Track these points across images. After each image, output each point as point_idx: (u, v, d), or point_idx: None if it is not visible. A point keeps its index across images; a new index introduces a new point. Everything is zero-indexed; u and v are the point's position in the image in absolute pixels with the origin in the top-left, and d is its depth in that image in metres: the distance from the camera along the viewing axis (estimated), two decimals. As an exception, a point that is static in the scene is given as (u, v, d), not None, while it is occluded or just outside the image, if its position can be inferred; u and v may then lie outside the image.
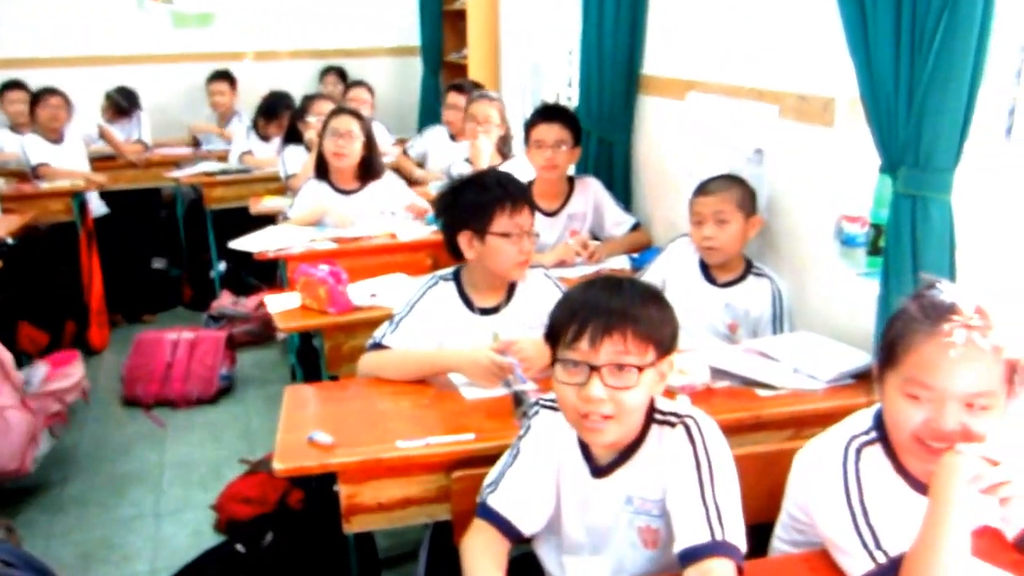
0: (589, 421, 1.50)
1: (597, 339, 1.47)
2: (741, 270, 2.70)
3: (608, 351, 1.47)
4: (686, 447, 1.57)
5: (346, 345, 2.71)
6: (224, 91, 6.08)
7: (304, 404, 2.11)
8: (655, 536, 1.61)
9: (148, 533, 3.22)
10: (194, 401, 4.25)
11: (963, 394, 1.40)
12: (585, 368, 1.48)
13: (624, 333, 1.47)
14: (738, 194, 2.62)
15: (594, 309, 1.49)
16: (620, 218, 3.51)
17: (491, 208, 2.28)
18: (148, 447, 3.88)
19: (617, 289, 1.53)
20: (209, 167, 5.42)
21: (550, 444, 1.65)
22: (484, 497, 1.64)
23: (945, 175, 2.00)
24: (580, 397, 1.49)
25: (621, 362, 1.47)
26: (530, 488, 1.63)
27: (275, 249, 3.36)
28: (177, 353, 4.30)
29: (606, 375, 1.48)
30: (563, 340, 1.51)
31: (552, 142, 3.30)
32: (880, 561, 1.41)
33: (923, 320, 1.45)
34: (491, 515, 1.62)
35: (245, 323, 4.93)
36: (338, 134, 3.78)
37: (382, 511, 1.86)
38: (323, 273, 2.67)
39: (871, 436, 1.54)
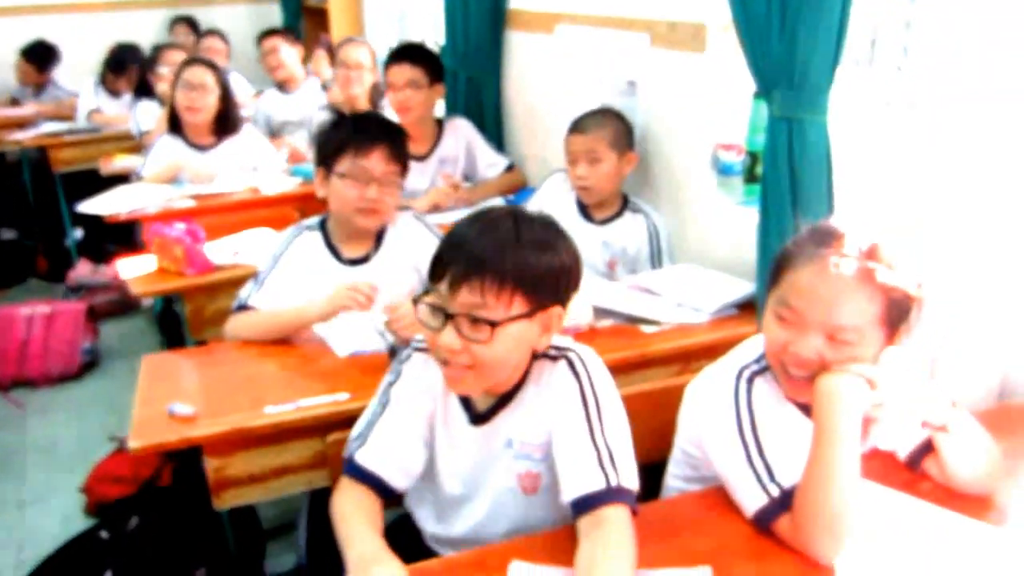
0: (448, 369, 1.40)
1: (455, 285, 1.34)
2: (618, 207, 2.65)
3: (465, 299, 1.34)
4: (571, 383, 1.46)
5: (209, 308, 2.54)
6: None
7: (163, 374, 1.94)
8: (535, 481, 1.51)
9: (10, 523, 2.99)
10: (56, 379, 3.97)
11: (824, 323, 1.35)
12: (441, 314, 1.37)
13: (483, 282, 1.33)
14: (612, 132, 2.55)
15: (459, 250, 1.36)
16: (493, 159, 3.41)
17: (337, 146, 2.16)
18: (7, 431, 3.61)
19: (493, 229, 1.37)
20: (54, 127, 5.04)
21: (423, 391, 1.53)
22: (351, 452, 1.50)
23: (820, 96, 1.96)
24: (437, 343, 1.38)
25: (475, 315, 1.34)
26: (401, 440, 1.51)
27: (128, 210, 3.12)
28: (33, 329, 4.00)
29: (461, 325, 1.35)
30: (432, 278, 1.39)
31: (402, 83, 3.18)
32: (774, 494, 1.37)
33: (808, 243, 1.40)
34: (360, 473, 1.49)
35: (106, 292, 4.62)
36: (191, 86, 3.52)
37: (254, 483, 1.73)
38: (179, 232, 2.48)
39: (761, 365, 1.50)
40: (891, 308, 1.35)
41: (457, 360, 1.37)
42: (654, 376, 2.06)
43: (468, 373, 1.39)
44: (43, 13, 5.85)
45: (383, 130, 2.21)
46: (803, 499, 1.32)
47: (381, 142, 2.16)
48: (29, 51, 5.59)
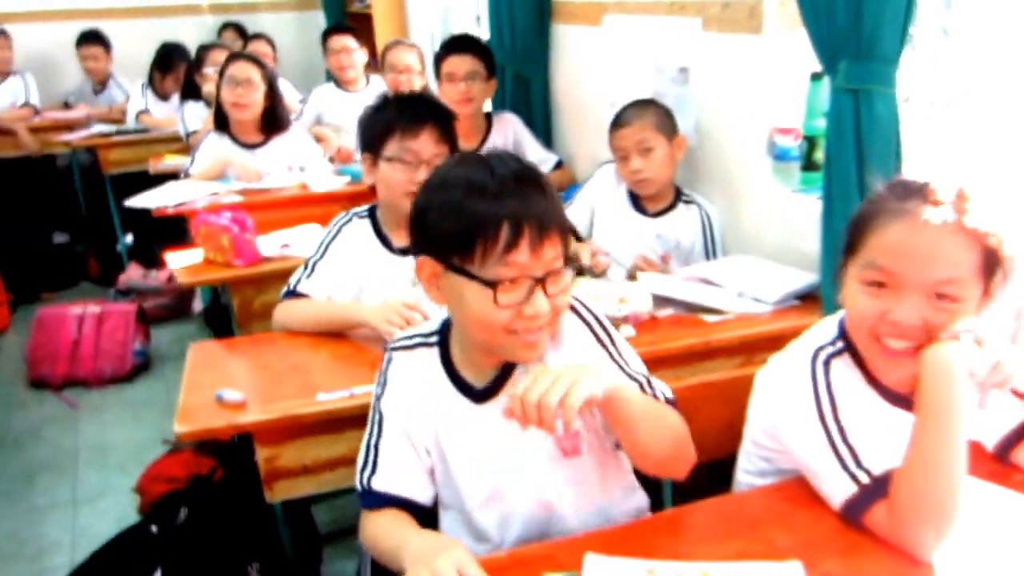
0: (527, 336, 1.27)
1: (537, 247, 1.22)
2: (671, 198, 2.57)
3: (547, 257, 1.24)
4: (583, 329, 1.40)
5: (257, 301, 2.48)
6: (99, 56, 5.63)
7: (211, 362, 1.88)
8: (575, 440, 1.39)
9: (65, 523, 2.97)
10: (107, 379, 3.96)
11: (928, 281, 1.23)
12: (527, 282, 1.24)
13: (552, 232, 1.24)
14: (655, 117, 2.47)
15: (519, 211, 1.22)
16: (541, 156, 3.31)
17: (383, 130, 2.07)
18: (60, 431, 3.60)
19: (510, 178, 1.25)
20: (104, 129, 5.05)
21: (414, 392, 1.40)
22: (365, 483, 1.37)
23: (889, 67, 1.85)
24: (522, 315, 1.25)
25: (559, 267, 1.26)
26: (410, 451, 1.39)
27: (175, 204, 3.08)
28: (83, 329, 3.99)
29: (547, 285, 1.25)
30: (480, 254, 1.23)
31: (464, 74, 3.10)
32: (863, 481, 1.25)
33: (889, 199, 1.28)
34: (381, 499, 1.36)
35: (157, 297, 4.62)
36: (236, 82, 3.46)
37: (308, 475, 1.66)
38: (225, 220, 2.42)
39: (838, 347, 1.38)
40: (987, 257, 1.24)
41: (541, 323, 1.27)
42: (717, 368, 1.96)
43: (542, 332, 1.29)
44: (93, 19, 5.88)
45: (431, 111, 2.12)
46: (903, 485, 1.20)
47: (429, 123, 2.07)
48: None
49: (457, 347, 1.40)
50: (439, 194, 1.28)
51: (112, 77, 5.73)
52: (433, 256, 1.28)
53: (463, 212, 1.23)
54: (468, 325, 1.31)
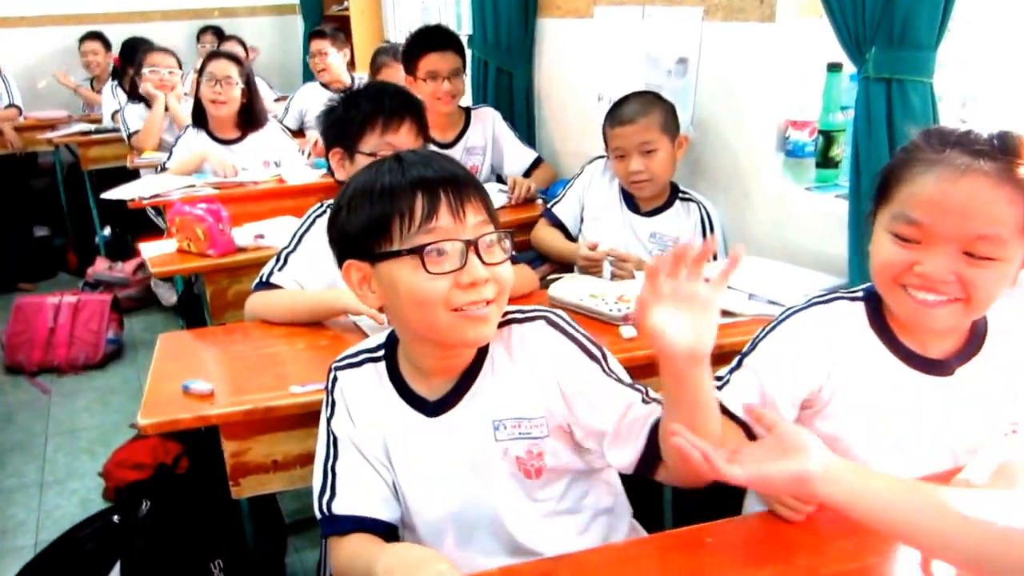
0: (472, 310, 1.07)
1: (458, 210, 1.06)
2: (666, 196, 2.27)
3: (473, 222, 1.07)
4: (560, 339, 1.17)
5: (231, 290, 2.25)
6: (98, 50, 5.36)
7: (181, 352, 1.66)
8: (538, 460, 1.17)
9: (32, 504, 2.72)
10: (80, 367, 3.69)
11: (963, 235, 1.04)
12: (458, 247, 1.05)
13: (474, 196, 1.08)
14: (660, 116, 2.16)
15: (430, 178, 1.07)
16: (521, 152, 3.01)
17: (360, 124, 1.84)
18: (32, 415, 3.33)
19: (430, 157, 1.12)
20: (84, 128, 4.77)
21: (364, 408, 1.19)
22: (325, 508, 1.15)
23: (926, 54, 1.59)
24: (459, 285, 1.05)
25: (490, 233, 1.08)
26: (367, 472, 1.17)
27: (150, 196, 2.84)
28: (59, 318, 3.72)
29: (481, 250, 1.06)
30: (401, 230, 1.05)
31: (448, 71, 2.80)
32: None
33: (925, 147, 1.09)
34: (346, 523, 1.14)
35: (125, 288, 4.33)
36: (215, 79, 3.23)
37: (277, 471, 1.44)
38: (200, 211, 2.20)
39: (856, 294, 1.24)
40: None
41: (484, 294, 1.07)
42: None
43: (493, 308, 1.09)
44: (75, 24, 5.59)
45: (407, 104, 1.90)
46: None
47: (407, 116, 1.86)
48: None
49: (405, 360, 1.19)
50: (348, 194, 1.12)
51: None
52: (355, 256, 1.11)
53: (373, 196, 1.07)
54: (408, 315, 1.09)
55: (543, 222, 2.48)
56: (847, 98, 1.93)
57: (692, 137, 2.31)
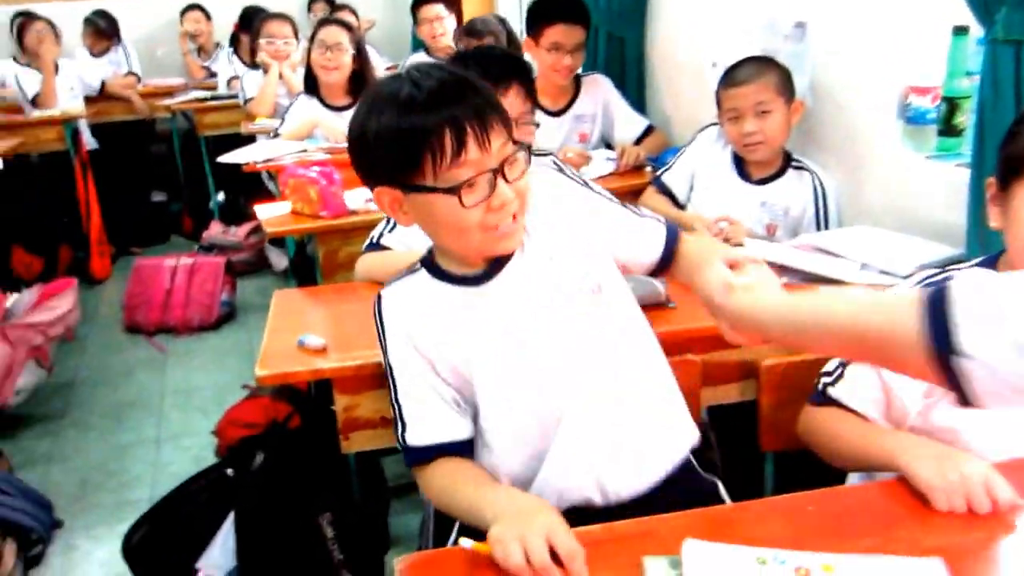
0: (501, 228, 1.14)
1: (484, 140, 1.09)
2: (779, 164, 2.20)
3: (497, 147, 1.11)
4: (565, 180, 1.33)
5: (342, 252, 2.29)
6: (199, 20, 5.56)
7: (294, 309, 1.71)
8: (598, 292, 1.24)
9: (148, 459, 2.86)
10: (196, 327, 3.85)
11: None
12: (486, 176, 1.10)
13: (498, 122, 1.12)
14: (776, 77, 2.11)
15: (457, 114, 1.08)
16: (632, 119, 2.95)
17: None
18: (149, 373, 3.50)
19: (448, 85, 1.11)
20: (200, 95, 4.95)
21: (414, 317, 1.21)
22: (402, 442, 1.21)
23: None
24: (490, 209, 1.11)
25: (510, 152, 1.13)
26: (429, 391, 1.20)
27: (264, 159, 2.92)
28: (176, 279, 3.89)
29: (506, 172, 1.12)
30: (433, 166, 1.08)
31: (573, 46, 2.75)
32: None
33: None
34: (426, 452, 1.19)
35: (238, 252, 4.50)
36: (325, 46, 3.29)
37: (384, 427, 1.46)
38: (313, 173, 2.25)
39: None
40: None
41: (512, 209, 1.14)
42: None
43: (519, 220, 1.17)
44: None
45: (515, 67, 1.87)
46: None
47: (514, 81, 1.83)
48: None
49: (443, 260, 1.24)
50: (371, 120, 1.13)
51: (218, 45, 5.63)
52: (386, 184, 1.15)
53: (401, 132, 1.09)
54: (444, 236, 1.19)
55: (651, 190, 2.44)
56: (973, 63, 1.83)
57: (808, 104, 2.23)
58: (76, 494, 2.66)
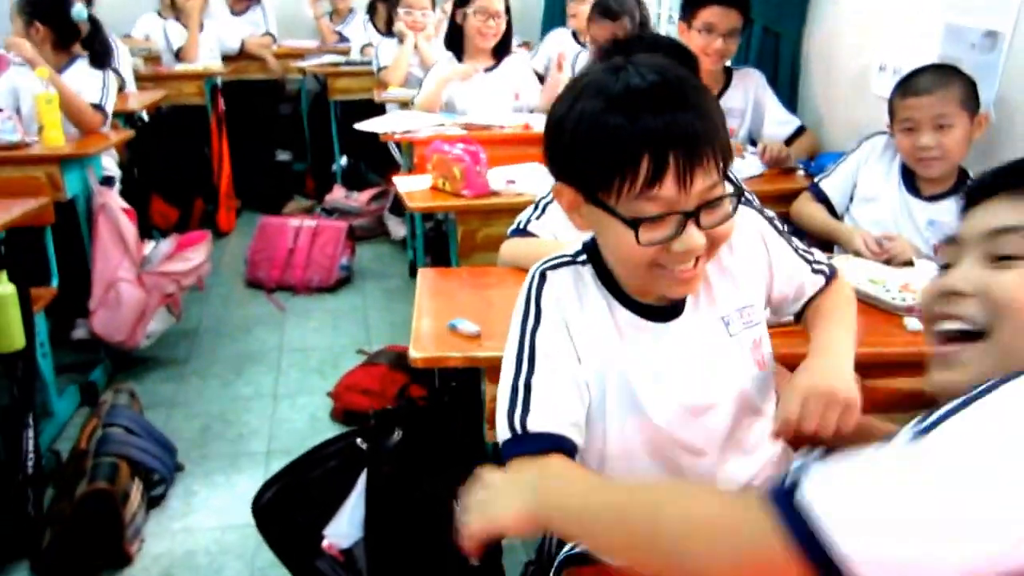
0: (676, 273, 1.02)
1: (686, 177, 0.95)
2: (953, 181, 2.07)
3: (701, 188, 0.97)
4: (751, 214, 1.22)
5: (480, 233, 2.28)
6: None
7: (440, 289, 1.70)
8: (760, 346, 1.19)
9: (265, 413, 2.94)
10: (314, 288, 3.94)
11: None
12: (677, 219, 0.98)
13: (711, 156, 0.97)
14: (960, 89, 1.98)
15: (662, 137, 0.94)
16: (783, 118, 2.85)
17: None
18: (268, 329, 3.60)
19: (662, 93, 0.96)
20: (334, 59, 5.03)
21: (577, 315, 1.11)
22: (518, 425, 1.05)
23: None
24: (672, 252, 1.00)
25: (716, 196, 0.99)
26: (565, 391, 1.08)
27: (402, 131, 2.94)
28: (299, 240, 3.99)
29: (702, 218, 0.99)
30: (621, 189, 0.97)
31: (726, 29, 2.66)
32: None
33: None
34: (542, 441, 1.04)
35: (358, 217, 4.58)
36: (488, 13, 3.36)
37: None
38: (459, 151, 2.24)
39: None
40: None
41: (695, 256, 1.02)
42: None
43: (701, 263, 1.04)
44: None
45: (675, 57, 1.82)
46: None
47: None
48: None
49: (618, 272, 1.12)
50: (574, 108, 1.00)
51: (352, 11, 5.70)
52: (569, 182, 1.05)
53: (598, 137, 0.97)
54: (612, 259, 1.09)
55: (807, 196, 2.34)
56: None
57: (991, 119, 2.09)
58: (196, 440, 2.76)
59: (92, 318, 3.03)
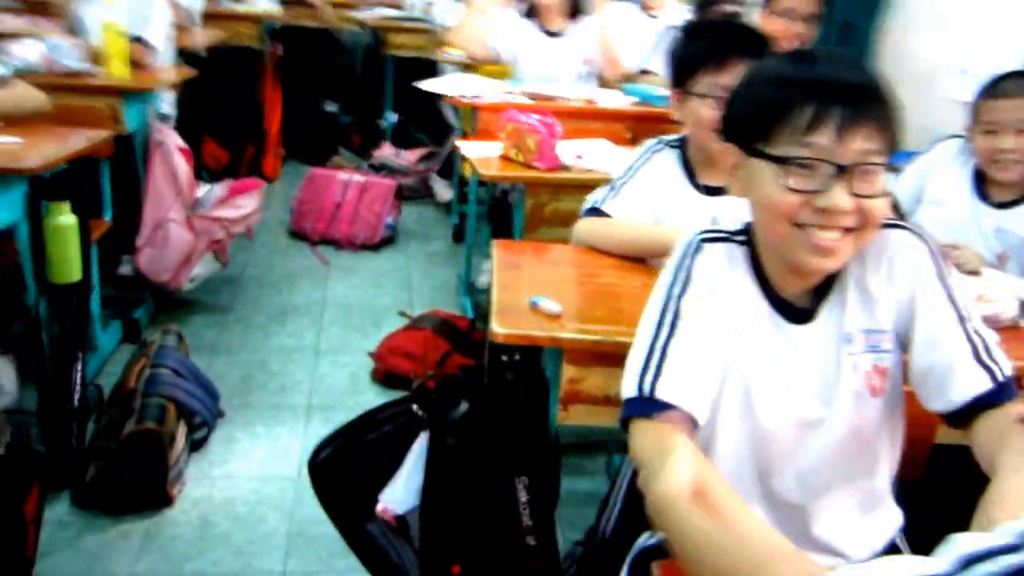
0: (817, 234, 1.00)
1: (846, 130, 0.97)
2: (1023, 190, 2.03)
3: (859, 148, 0.98)
4: (922, 252, 1.10)
5: (548, 207, 2.25)
6: None
7: (516, 263, 1.67)
8: (883, 377, 1.11)
9: (307, 367, 2.94)
10: (358, 245, 3.93)
11: None
12: (827, 168, 0.98)
13: (875, 124, 0.98)
14: None
15: (828, 84, 0.98)
16: None
17: (693, 63, 1.74)
18: (311, 282, 3.60)
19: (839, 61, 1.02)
20: (389, 13, 4.97)
21: (722, 294, 1.10)
22: (647, 387, 1.03)
23: None
24: (811, 207, 1.00)
25: (870, 163, 0.99)
26: (700, 364, 1.06)
27: (471, 95, 2.89)
28: (347, 194, 3.97)
29: (854, 178, 0.99)
30: (775, 130, 1.00)
31: (805, 14, 2.62)
32: None
33: None
34: (664, 408, 1.02)
35: (405, 177, 4.55)
36: None
37: (607, 405, 1.43)
38: (535, 122, 2.20)
39: None
40: None
41: (840, 222, 1.00)
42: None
43: (846, 240, 1.02)
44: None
45: (744, 43, 1.73)
46: None
47: (740, 56, 1.69)
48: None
49: (765, 253, 1.11)
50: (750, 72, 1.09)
51: None
52: (734, 140, 1.07)
53: (765, 86, 1.03)
54: (759, 218, 1.08)
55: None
56: None
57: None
58: (237, 388, 2.76)
59: (138, 255, 3.03)
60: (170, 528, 2.12)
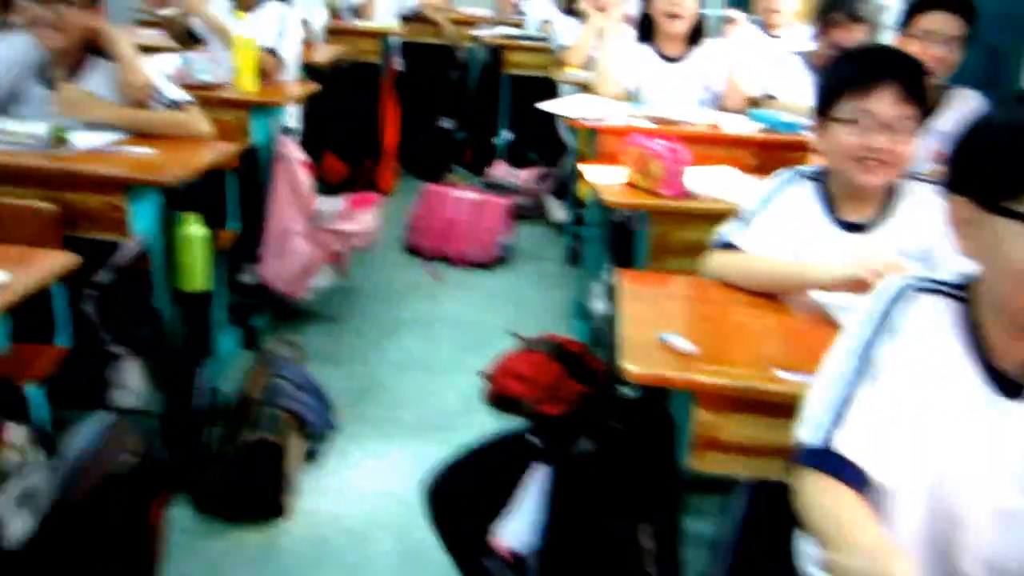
0: None
1: None
2: None
3: None
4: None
5: (675, 236, 2.18)
6: None
7: (644, 295, 1.62)
8: None
9: (419, 384, 2.95)
10: (471, 263, 3.94)
11: None
12: None
13: None
14: None
15: None
16: None
17: (836, 87, 1.65)
18: (423, 298, 3.62)
19: None
20: (508, 31, 4.99)
21: (929, 355, 1.02)
22: (823, 436, 1.01)
23: None
24: None
25: None
26: (900, 421, 1.01)
27: (593, 118, 2.85)
28: (461, 212, 3.98)
29: None
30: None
31: (946, 36, 2.49)
32: None
33: None
34: (838, 465, 0.99)
35: (517, 195, 4.54)
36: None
37: (740, 454, 1.36)
38: (661, 147, 2.15)
39: None
40: None
41: None
42: None
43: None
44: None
45: (892, 65, 1.63)
46: None
47: (889, 79, 1.60)
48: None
49: (989, 316, 1.01)
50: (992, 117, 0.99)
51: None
52: (968, 194, 0.97)
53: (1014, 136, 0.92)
54: (1005, 285, 0.96)
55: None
56: None
57: None
58: (350, 400, 2.78)
59: (262, 265, 3.11)
60: (285, 540, 2.15)
